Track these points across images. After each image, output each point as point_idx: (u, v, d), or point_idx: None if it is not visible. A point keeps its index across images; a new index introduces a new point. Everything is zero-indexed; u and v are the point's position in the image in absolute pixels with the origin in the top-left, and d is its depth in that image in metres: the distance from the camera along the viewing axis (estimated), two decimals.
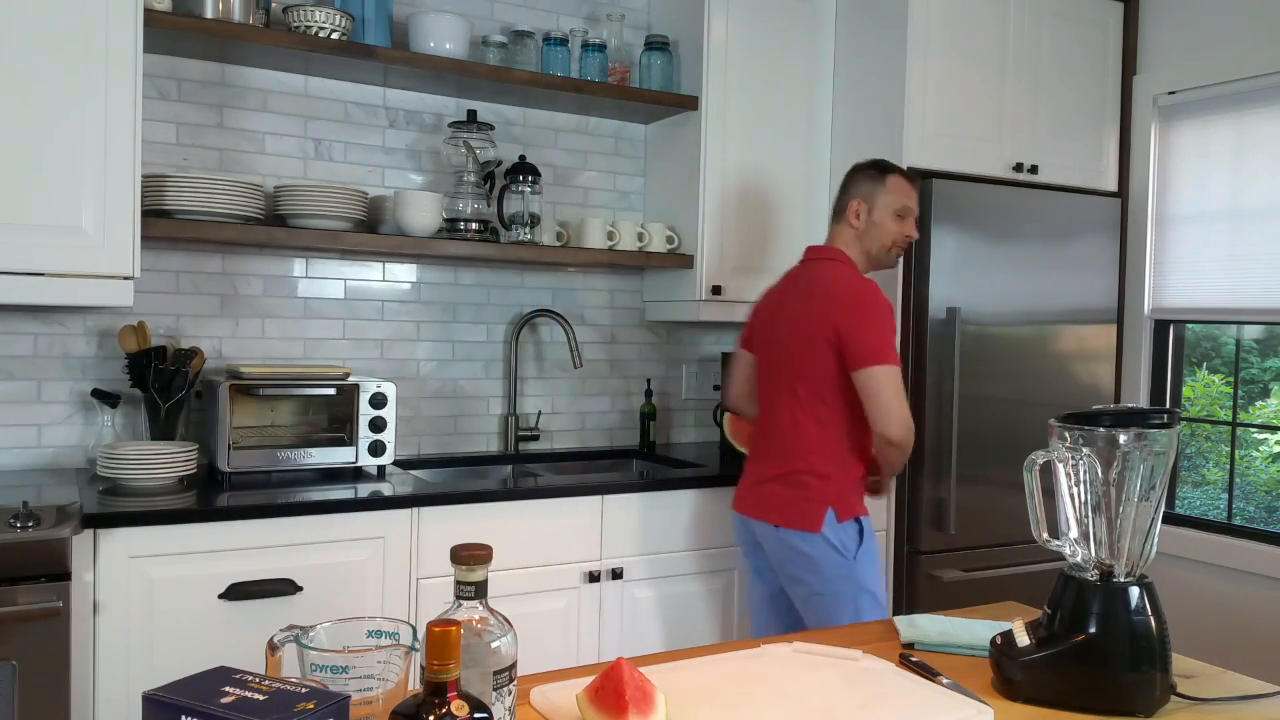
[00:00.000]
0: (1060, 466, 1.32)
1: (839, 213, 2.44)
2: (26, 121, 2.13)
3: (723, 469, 2.90)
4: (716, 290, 3.05)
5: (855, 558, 2.27)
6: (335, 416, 2.52)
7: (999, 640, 1.35)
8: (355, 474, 2.56)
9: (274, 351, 2.80)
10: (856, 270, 2.38)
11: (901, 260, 2.97)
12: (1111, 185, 3.37)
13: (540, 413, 3.18)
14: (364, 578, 2.29)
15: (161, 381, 2.48)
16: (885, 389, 2.21)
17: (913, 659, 1.42)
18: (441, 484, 2.62)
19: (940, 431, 2.94)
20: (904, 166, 2.95)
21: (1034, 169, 3.17)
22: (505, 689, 1.01)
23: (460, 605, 1.02)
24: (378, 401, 2.54)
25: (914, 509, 2.97)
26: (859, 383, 2.23)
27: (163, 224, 2.39)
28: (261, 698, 0.85)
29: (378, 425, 2.55)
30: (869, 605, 2.28)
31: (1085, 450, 1.29)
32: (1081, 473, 1.30)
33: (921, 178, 2.96)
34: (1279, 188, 2.99)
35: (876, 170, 2.42)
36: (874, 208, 2.38)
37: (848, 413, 2.29)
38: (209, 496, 2.25)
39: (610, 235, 3.03)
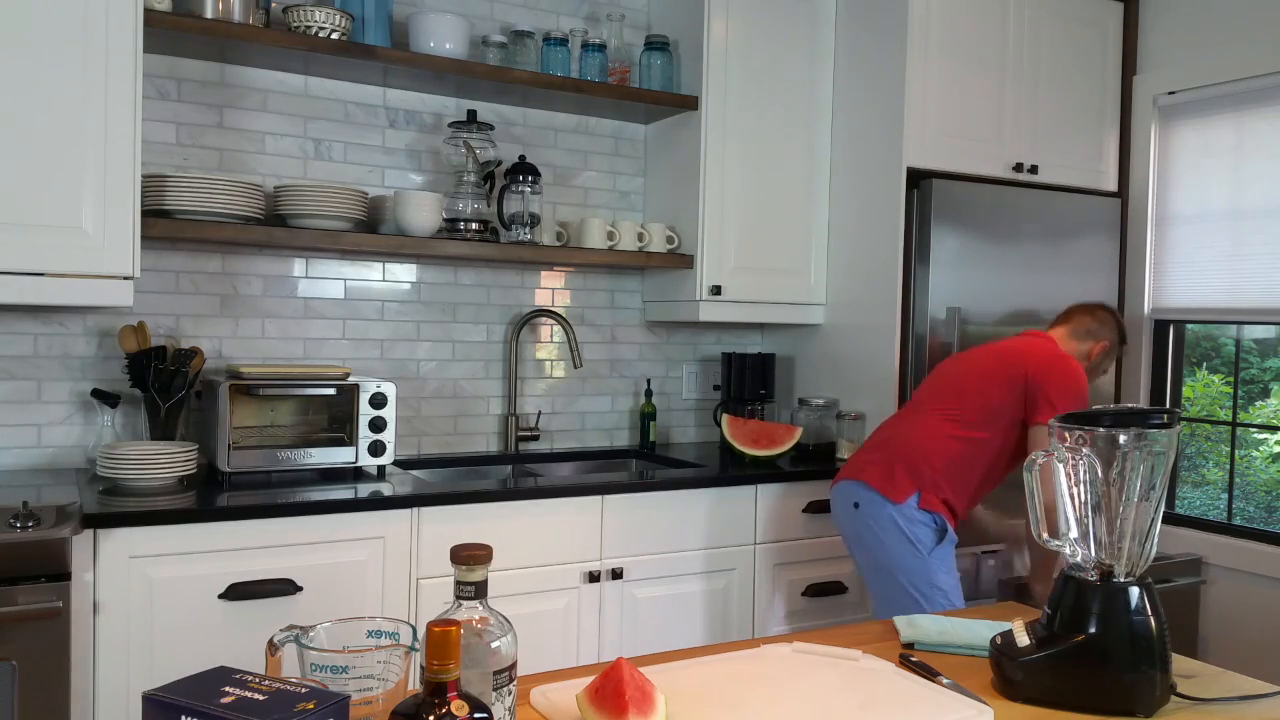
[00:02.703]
0: (1060, 466, 1.32)
1: (1082, 334, 2.61)
2: (27, 121, 2.13)
3: (723, 469, 2.90)
4: (716, 290, 3.05)
5: (929, 553, 2.39)
6: (335, 416, 2.52)
7: (999, 640, 1.35)
8: (355, 474, 2.56)
9: (274, 351, 2.80)
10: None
11: (902, 259, 2.98)
12: (1111, 185, 3.37)
13: (540, 413, 3.18)
14: (364, 578, 2.29)
15: (161, 381, 2.48)
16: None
17: (913, 659, 1.42)
18: (441, 484, 2.62)
19: None
20: (904, 167, 2.96)
21: (1034, 169, 3.17)
22: (505, 689, 1.01)
23: (460, 605, 1.02)
24: (378, 401, 2.54)
25: None
26: (1032, 434, 2.39)
27: (163, 224, 2.39)
28: (261, 698, 0.85)
29: (378, 425, 2.55)
30: (931, 594, 2.39)
31: (1085, 450, 1.29)
32: (1081, 473, 1.30)
33: (921, 178, 2.96)
34: (1279, 188, 2.99)
35: (1122, 337, 2.68)
36: (1109, 347, 2.63)
37: (995, 451, 2.45)
38: (209, 496, 2.25)
39: (610, 235, 3.03)
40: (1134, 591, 1.28)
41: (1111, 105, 3.37)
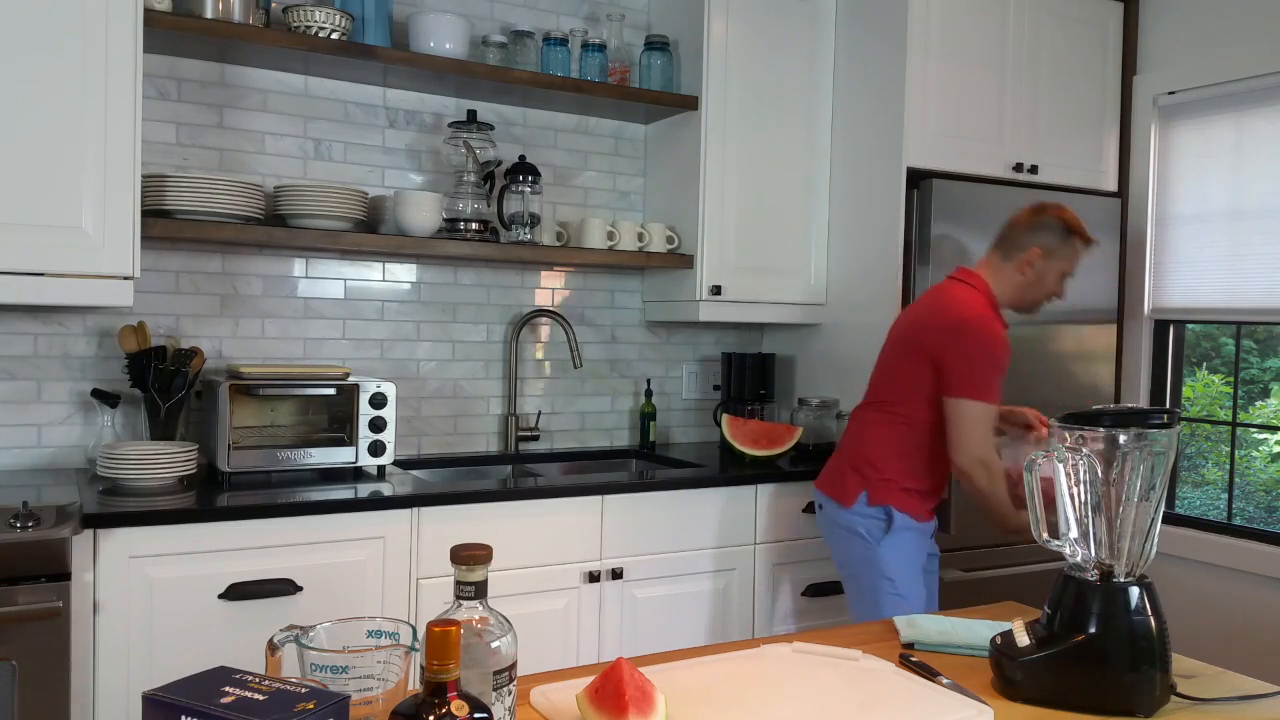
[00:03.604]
0: (1060, 466, 1.32)
1: (1010, 249, 2.42)
2: (27, 121, 2.13)
3: (723, 469, 2.90)
4: (716, 290, 3.05)
5: (879, 543, 2.36)
6: (335, 416, 2.52)
7: (999, 640, 1.35)
8: (355, 474, 2.56)
9: (274, 351, 2.80)
10: (986, 304, 2.37)
11: (902, 259, 2.98)
12: (1111, 185, 3.37)
13: (540, 413, 3.18)
14: (364, 578, 2.29)
15: (161, 381, 2.48)
16: (962, 417, 2.28)
17: (913, 659, 1.42)
18: (441, 484, 2.62)
19: None
20: (904, 167, 2.96)
21: (1034, 169, 3.17)
22: (505, 689, 1.01)
23: (460, 605, 1.02)
24: (377, 401, 2.54)
25: None
26: (946, 409, 2.30)
27: (163, 224, 2.39)
28: (261, 698, 0.85)
29: (377, 425, 2.55)
30: (886, 596, 2.35)
31: (1085, 450, 1.29)
32: (1081, 473, 1.30)
33: (921, 178, 2.96)
34: (1279, 188, 2.99)
35: (1066, 229, 2.38)
36: (1050, 260, 2.37)
37: (929, 428, 2.36)
38: (209, 496, 2.25)
39: (610, 235, 3.03)
40: (1134, 591, 1.28)
41: (1111, 105, 3.37)
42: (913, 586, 2.37)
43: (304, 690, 0.88)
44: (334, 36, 2.57)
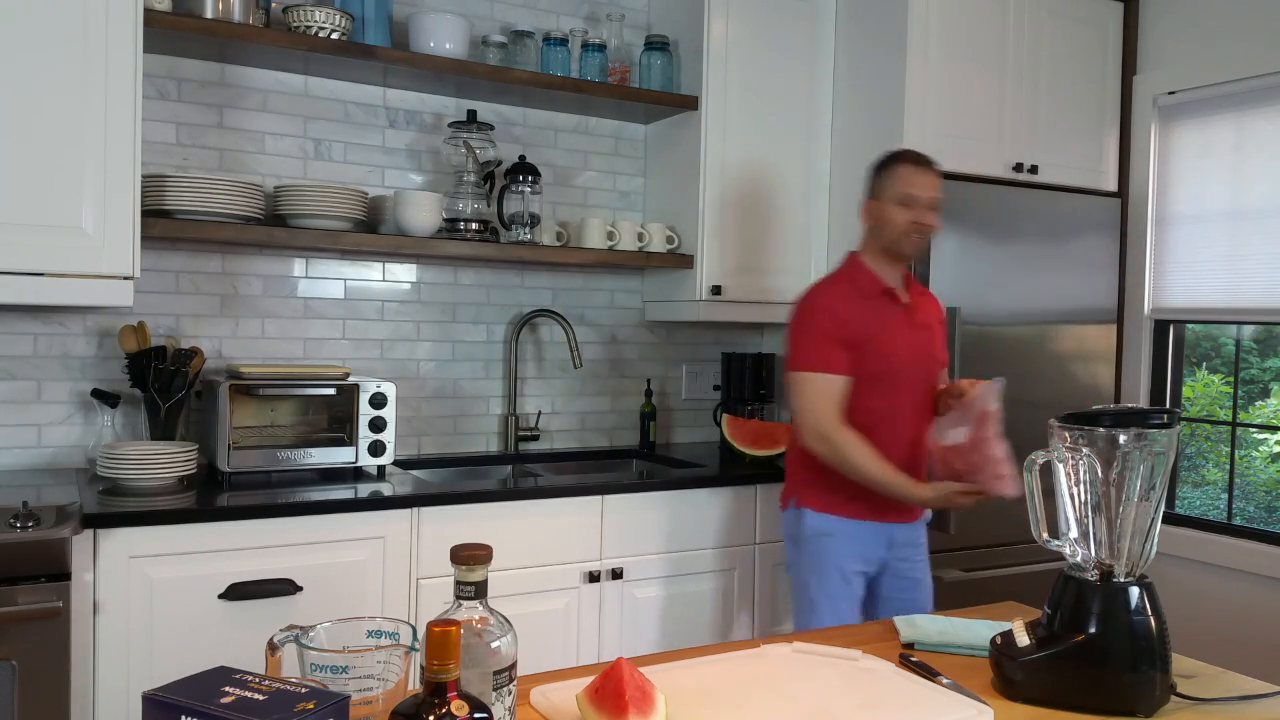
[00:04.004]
0: (1060, 466, 1.32)
1: (861, 214, 2.41)
2: (27, 122, 2.13)
3: (723, 469, 2.90)
4: (716, 290, 3.05)
5: (798, 549, 2.35)
6: (335, 416, 2.52)
7: (999, 640, 1.35)
8: (355, 474, 2.56)
9: (274, 351, 2.80)
10: (835, 276, 2.38)
11: None
12: (1111, 185, 3.37)
13: (540, 413, 3.18)
14: (364, 578, 2.29)
15: (161, 381, 2.48)
16: (793, 393, 2.30)
17: (913, 659, 1.42)
18: (441, 484, 2.62)
19: None
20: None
21: (1034, 169, 3.17)
22: (505, 689, 1.01)
23: (460, 605, 1.02)
24: (377, 401, 2.54)
25: None
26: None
27: (163, 224, 2.39)
28: (261, 698, 0.85)
29: (378, 425, 2.55)
30: (804, 602, 2.32)
31: (1085, 450, 1.29)
32: (1081, 473, 1.30)
33: None
34: (1279, 188, 2.99)
35: (882, 161, 2.37)
36: (880, 200, 2.33)
37: None
38: (209, 496, 2.25)
39: (610, 235, 3.03)
40: (1134, 591, 1.28)
41: (1111, 105, 3.37)
42: (822, 593, 2.27)
43: (304, 690, 0.88)
44: (334, 36, 2.57)
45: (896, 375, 2.29)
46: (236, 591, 2.14)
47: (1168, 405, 3.31)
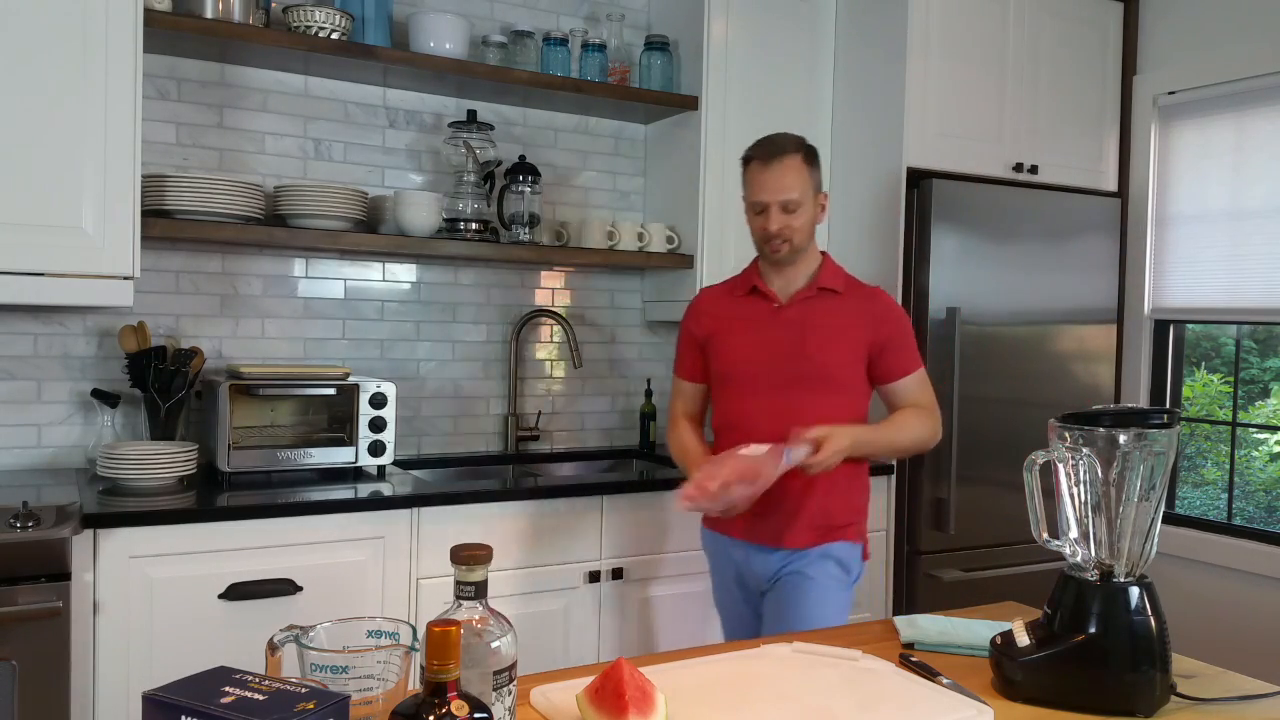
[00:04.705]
0: (1060, 466, 1.32)
1: None
2: (27, 121, 2.13)
3: None
4: None
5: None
6: (335, 416, 2.52)
7: (999, 640, 1.35)
8: (355, 474, 2.55)
9: (274, 351, 2.80)
10: (733, 276, 2.25)
11: (902, 259, 2.98)
12: (1111, 185, 3.37)
13: (540, 413, 3.18)
14: (364, 578, 2.29)
15: (161, 381, 2.48)
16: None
17: (913, 659, 1.42)
18: (441, 484, 2.62)
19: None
20: (904, 167, 2.95)
21: (1034, 169, 3.17)
22: (505, 689, 1.01)
23: (460, 605, 1.02)
24: (377, 401, 2.54)
25: (914, 509, 2.97)
26: None
27: (163, 224, 2.39)
28: (261, 698, 0.85)
29: (378, 425, 2.55)
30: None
31: (1085, 450, 1.29)
32: (1081, 473, 1.30)
33: (921, 178, 2.96)
34: (1279, 188, 2.99)
35: (742, 165, 2.15)
36: (746, 202, 2.14)
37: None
38: (209, 496, 2.25)
39: (610, 235, 3.02)
40: (1134, 591, 1.28)
41: (1111, 105, 3.37)
42: (718, 601, 2.31)
43: (304, 690, 0.88)
44: (334, 36, 2.57)
45: (741, 377, 2.12)
46: (236, 591, 2.14)
47: (1168, 405, 3.31)
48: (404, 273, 2.97)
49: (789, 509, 2.08)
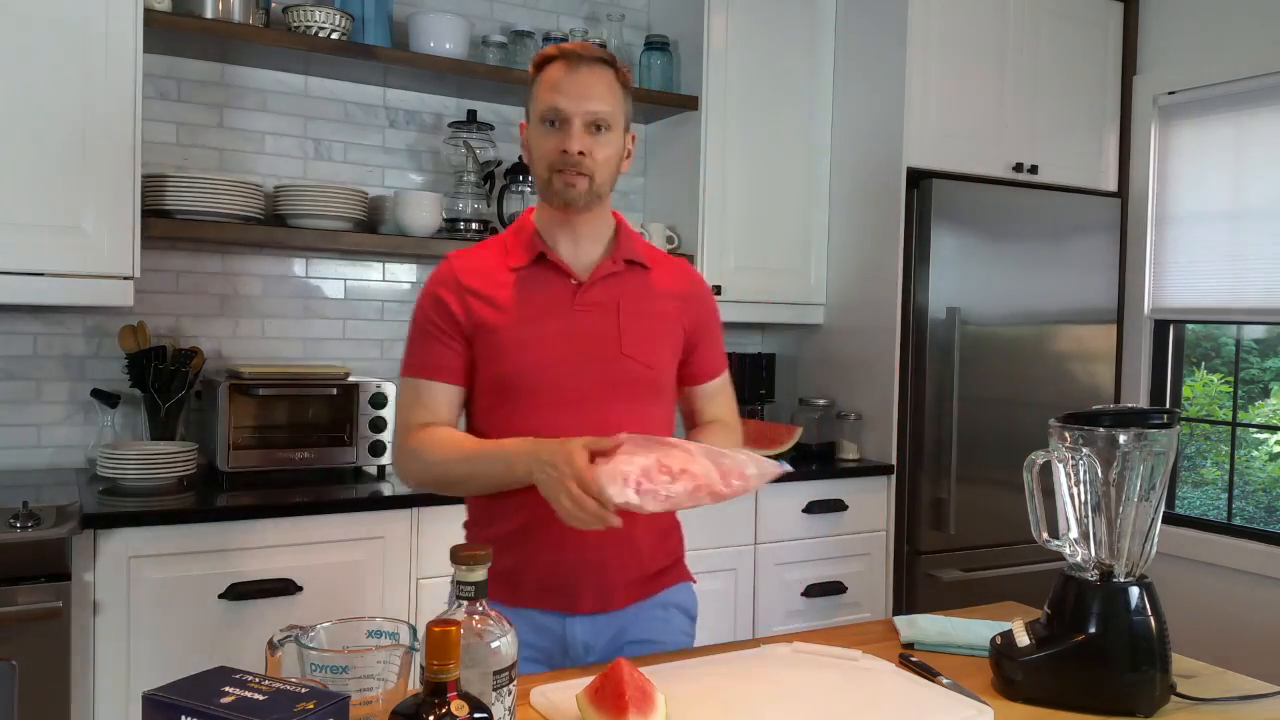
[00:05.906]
0: (1060, 466, 1.32)
1: None
2: (27, 121, 2.13)
3: None
4: (716, 290, 3.05)
5: None
6: (335, 416, 2.52)
7: (999, 640, 1.35)
8: (355, 474, 2.55)
9: (274, 351, 2.79)
10: (495, 236, 1.73)
11: (902, 259, 2.98)
12: (1111, 185, 3.37)
13: None
14: (364, 578, 2.29)
15: (161, 381, 2.48)
16: None
17: (913, 659, 1.42)
18: None
19: (940, 431, 2.94)
20: (904, 167, 2.95)
21: (1034, 169, 3.17)
22: (505, 689, 1.01)
23: (460, 605, 1.02)
24: (377, 402, 2.54)
25: (914, 509, 2.97)
26: None
27: (163, 224, 2.39)
28: (261, 698, 0.85)
29: (377, 425, 2.55)
30: None
31: (1085, 450, 1.29)
32: (1081, 473, 1.30)
33: (921, 178, 2.96)
34: (1279, 188, 2.99)
35: (531, 75, 1.57)
36: (529, 120, 1.57)
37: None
38: (209, 496, 2.25)
39: None
40: (1134, 591, 1.28)
41: (1111, 105, 3.37)
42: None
43: (304, 690, 0.88)
44: (334, 36, 2.57)
45: (539, 385, 1.52)
46: (236, 591, 2.14)
47: (1168, 405, 3.31)
48: (404, 273, 2.97)
49: (610, 557, 1.55)
